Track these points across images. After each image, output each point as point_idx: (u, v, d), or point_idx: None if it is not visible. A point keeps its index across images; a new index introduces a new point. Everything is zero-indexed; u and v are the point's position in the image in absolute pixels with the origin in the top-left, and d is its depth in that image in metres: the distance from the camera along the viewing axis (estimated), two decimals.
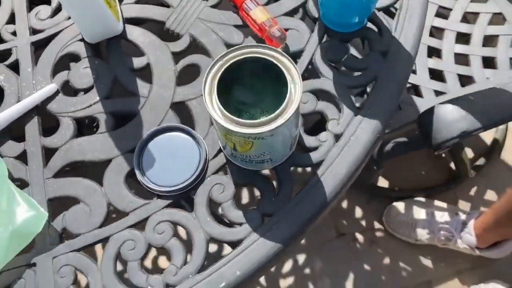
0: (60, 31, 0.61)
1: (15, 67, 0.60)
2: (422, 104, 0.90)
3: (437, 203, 1.22)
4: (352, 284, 1.24)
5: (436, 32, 1.02)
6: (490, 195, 1.28)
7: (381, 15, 0.58)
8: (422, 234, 1.18)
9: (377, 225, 1.29)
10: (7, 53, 0.61)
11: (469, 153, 1.31)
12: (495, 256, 1.14)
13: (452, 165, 1.30)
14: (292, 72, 0.43)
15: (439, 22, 1.02)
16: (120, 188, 0.52)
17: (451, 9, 1.03)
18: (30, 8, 0.64)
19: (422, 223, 1.17)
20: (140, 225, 0.50)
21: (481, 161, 1.28)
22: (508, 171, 1.30)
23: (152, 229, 0.49)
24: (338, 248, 1.29)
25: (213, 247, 1.07)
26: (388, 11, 0.60)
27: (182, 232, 0.53)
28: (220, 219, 0.51)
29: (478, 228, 1.09)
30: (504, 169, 1.30)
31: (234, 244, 0.48)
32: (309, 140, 0.52)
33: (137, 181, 0.52)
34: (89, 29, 0.58)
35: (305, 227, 0.49)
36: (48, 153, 0.55)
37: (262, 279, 1.26)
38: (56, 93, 0.58)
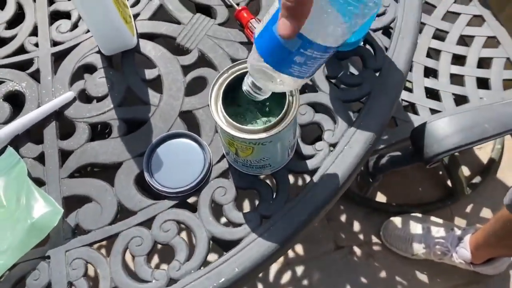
0: (79, 43, 0.66)
1: (36, 76, 0.64)
2: (418, 122, 0.93)
3: (433, 218, 1.25)
4: None
5: (433, 53, 1.07)
6: (486, 212, 1.31)
7: (375, 35, 0.62)
8: (418, 249, 1.20)
9: (374, 239, 1.32)
10: (29, 62, 0.66)
11: (465, 171, 1.35)
12: (488, 272, 1.16)
13: (449, 183, 1.33)
14: None
15: (436, 44, 1.06)
16: (130, 188, 0.56)
17: (447, 32, 1.07)
18: (51, 22, 0.69)
19: (418, 238, 1.20)
20: (147, 223, 0.54)
21: (477, 179, 1.31)
22: (503, 190, 1.32)
23: (158, 227, 0.53)
24: (336, 261, 1.31)
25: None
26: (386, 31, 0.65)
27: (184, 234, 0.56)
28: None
29: (471, 245, 1.12)
30: (499, 187, 1.33)
31: (233, 243, 0.52)
32: (306, 149, 0.56)
33: (146, 184, 0.56)
34: (106, 43, 0.62)
35: (300, 229, 0.52)
36: (64, 155, 0.59)
37: None
38: (73, 100, 0.62)
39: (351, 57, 0.62)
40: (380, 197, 1.37)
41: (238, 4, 0.65)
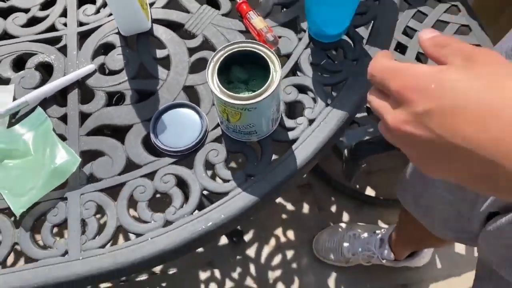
0: (101, 25, 0.76)
1: (63, 50, 0.75)
2: None
3: (359, 224, 1.33)
4: (334, 280, 1.35)
5: (423, 57, 1.16)
6: None
7: (356, 31, 0.72)
8: (349, 257, 1.27)
9: None
10: (58, 39, 0.76)
11: None
12: (416, 264, 1.25)
13: None
14: (275, 63, 0.57)
15: None
16: (138, 147, 0.66)
17: None
18: (79, 6, 0.80)
19: (347, 248, 1.27)
20: (150, 175, 0.64)
21: None
22: None
23: (159, 179, 0.63)
24: None
25: None
26: (365, 28, 0.74)
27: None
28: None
29: (391, 244, 1.19)
30: None
31: (221, 195, 0.62)
32: (289, 122, 0.66)
33: (150, 147, 0.66)
34: (125, 25, 0.73)
35: (278, 188, 0.62)
36: (84, 116, 0.69)
37: (252, 270, 1.38)
38: (94, 72, 0.72)
39: (333, 48, 0.71)
40: (369, 192, 1.46)
41: None
